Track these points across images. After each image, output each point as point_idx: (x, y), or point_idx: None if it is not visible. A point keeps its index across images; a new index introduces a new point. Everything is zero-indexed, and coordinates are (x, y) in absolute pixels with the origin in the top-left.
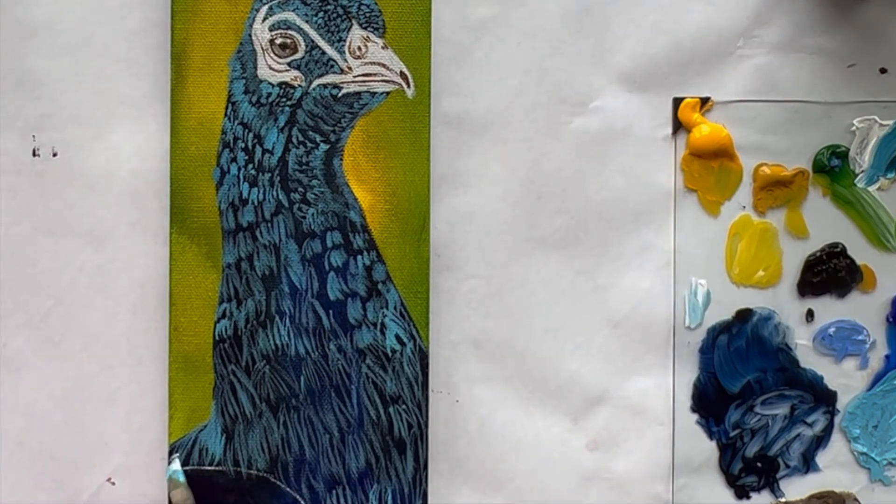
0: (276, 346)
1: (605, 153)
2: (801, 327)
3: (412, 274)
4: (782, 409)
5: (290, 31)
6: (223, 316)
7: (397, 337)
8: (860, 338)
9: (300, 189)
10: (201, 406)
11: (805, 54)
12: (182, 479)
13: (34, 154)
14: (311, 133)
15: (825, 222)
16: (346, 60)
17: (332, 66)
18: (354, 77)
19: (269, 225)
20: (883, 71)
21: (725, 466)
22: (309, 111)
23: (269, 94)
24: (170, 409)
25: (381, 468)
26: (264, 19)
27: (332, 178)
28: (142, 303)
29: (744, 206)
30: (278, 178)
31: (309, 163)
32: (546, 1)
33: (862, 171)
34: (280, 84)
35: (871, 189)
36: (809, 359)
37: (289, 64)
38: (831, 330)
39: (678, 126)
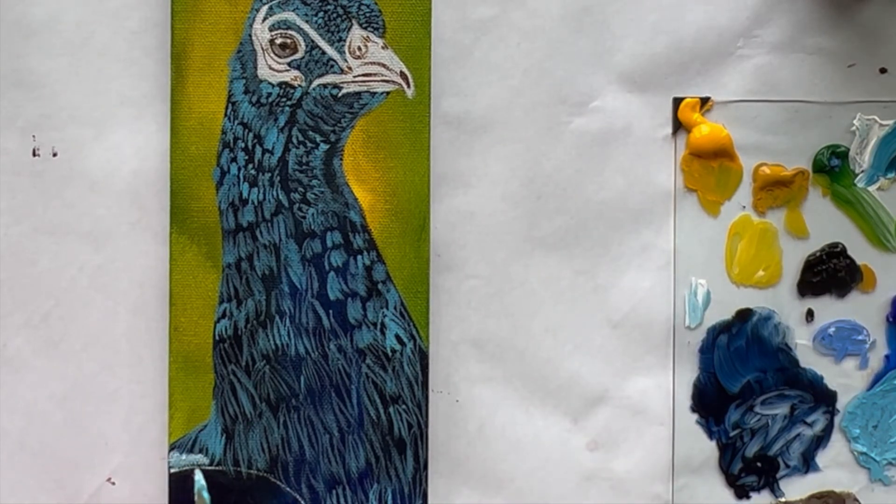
0: (276, 346)
1: (605, 153)
2: (801, 327)
3: (412, 274)
4: (782, 409)
5: (290, 31)
6: (223, 316)
7: (397, 337)
8: (860, 338)
9: (300, 189)
10: (201, 406)
11: (805, 54)
12: (207, 501)
13: (34, 154)
14: (311, 133)
15: (825, 222)
16: (346, 60)
17: (332, 66)
18: (354, 77)
19: (269, 225)
20: (883, 71)
21: (725, 466)
22: (309, 111)
23: (269, 94)
24: (170, 409)
25: (381, 468)
26: (264, 19)
27: (332, 178)
28: (142, 303)
29: (744, 206)
30: (278, 178)
31: (309, 163)
32: (546, 1)
33: (862, 171)
34: (280, 84)
35: (871, 189)
36: (809, 359)
37: (289, 64)
38: (831, 330)
39: (678, 126)
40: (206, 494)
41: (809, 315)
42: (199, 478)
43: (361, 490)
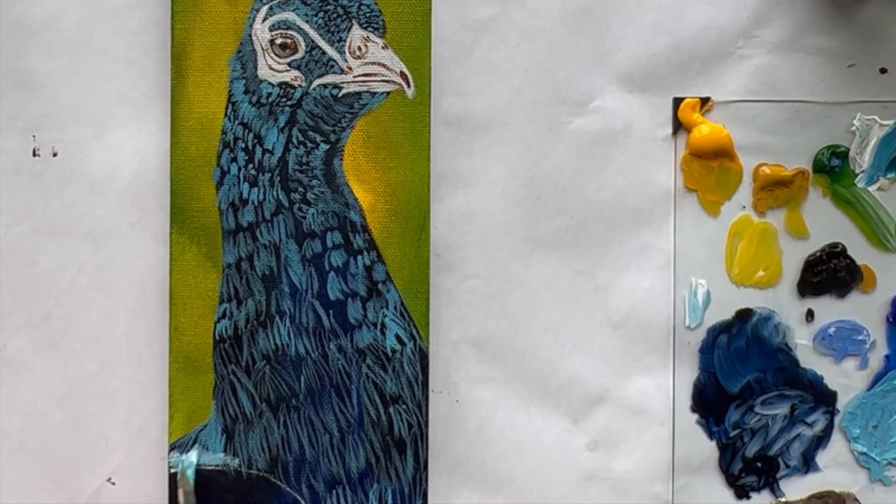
0: (276, 346)
1: (605, 153)
2: (801, 327)
3: (412, 274)
4: (782, 409)
5: (290, 31)
6: (223, 316)
7: (397, 337)
8: (860, 338)
9: (300, 189)
10: (201, 406)
11: (805, 54)
12: (192, 482)
13: (34, 154)
14: (311, 133)
15: (825, 222)
16: (346, 60)
17: (332, 66)
18: (354, 77)
19: (270, 225)
20: (883, 71)
21: (725, 466)
22: (309, 111)
23: (269, 94)
24: (170, 409)
25: (381, 468)
26: (264, 19)
27: (332, 178)
28: (142, 303)
29: (744, 206)
30: (278, 178)
31: (309, 163)
32: (546, 1)
33: (862, 171)
34: (280, 84)
35: (871, 189)
36: (809, 359)
37: (289, 64)
38: (831, 330)
39: (678, 126)
40: (190, 473)
41: (809, 315)
42: (192, 457)
43: (361, 490)
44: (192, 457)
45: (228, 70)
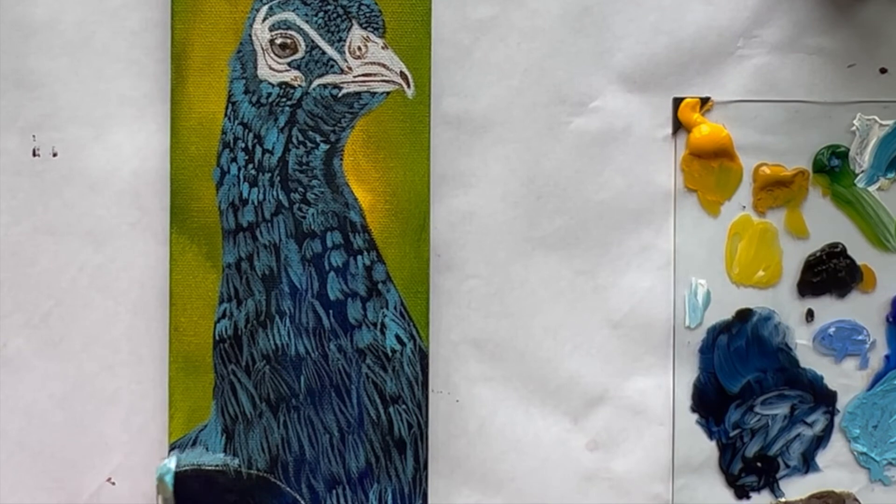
0: (276, 346)
1: (605, 153)
2: (801, 327)
3: (412, 274)
4: (782, 409)
5: (290, 31)
6: (223, 316)
7: (397, 337)
8: (860, 338)
9: (300, 189)
10: (201, 406)
11: (805, 54)
12: (171, 487)
13: (34, 154)
14: (311, 133)
15: (825, 222)
16: (346, 60)
17: (332, 66)
18: (354, 77)
19: (269, 225)
20: (883, 71)
21: (725, 466)
22: (309, 111)
23: (269, 94)
24: (170, 409)
25: (381, 468)
26: (264, 19)
27: (332, 178)
28: (142, 303)
29: (744, 206)
30: (278, 178)
31: (309, 163)
32: (546, 1)
33: (862, 171)
34: (280, 84)
35: (871, 189)
36: (809, 359)
37: (289, 64)
38: (831, 330)
39: (678, 126)
40: (168, 479)
41: (809, 315)
42: (170, 463)
43: (361, 490)
44: (171, 463)
45: (228, 70)
